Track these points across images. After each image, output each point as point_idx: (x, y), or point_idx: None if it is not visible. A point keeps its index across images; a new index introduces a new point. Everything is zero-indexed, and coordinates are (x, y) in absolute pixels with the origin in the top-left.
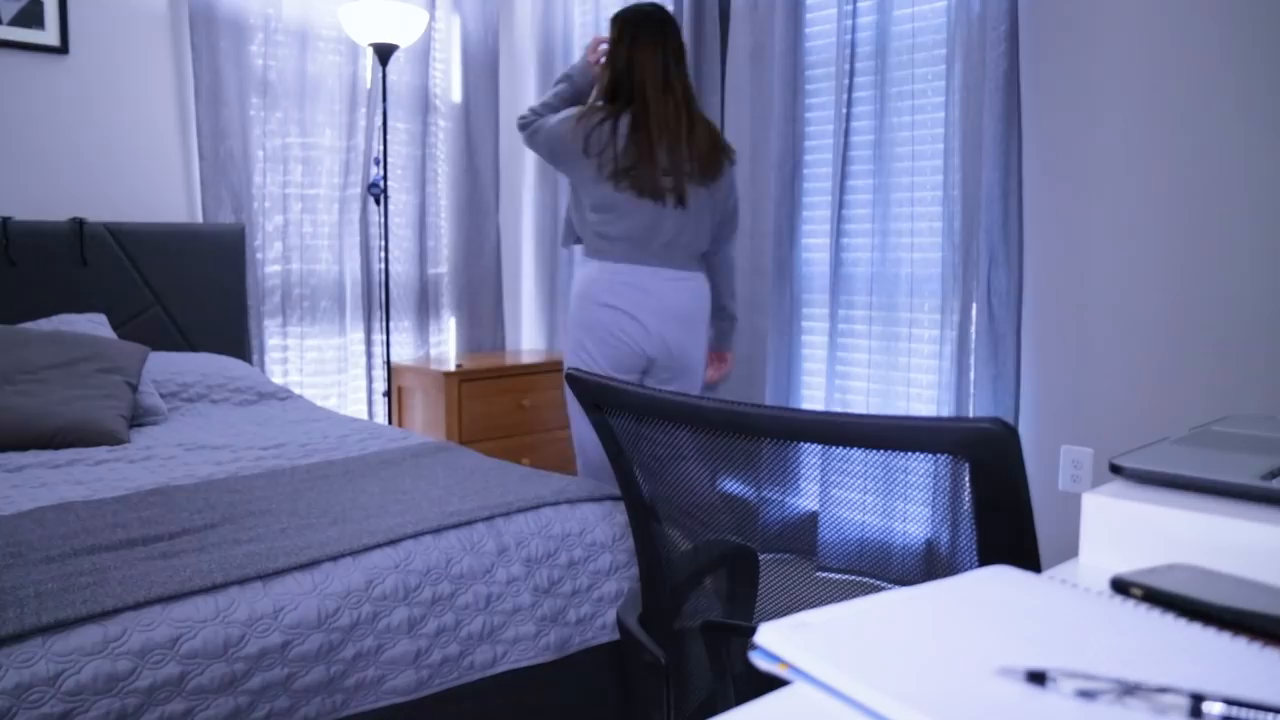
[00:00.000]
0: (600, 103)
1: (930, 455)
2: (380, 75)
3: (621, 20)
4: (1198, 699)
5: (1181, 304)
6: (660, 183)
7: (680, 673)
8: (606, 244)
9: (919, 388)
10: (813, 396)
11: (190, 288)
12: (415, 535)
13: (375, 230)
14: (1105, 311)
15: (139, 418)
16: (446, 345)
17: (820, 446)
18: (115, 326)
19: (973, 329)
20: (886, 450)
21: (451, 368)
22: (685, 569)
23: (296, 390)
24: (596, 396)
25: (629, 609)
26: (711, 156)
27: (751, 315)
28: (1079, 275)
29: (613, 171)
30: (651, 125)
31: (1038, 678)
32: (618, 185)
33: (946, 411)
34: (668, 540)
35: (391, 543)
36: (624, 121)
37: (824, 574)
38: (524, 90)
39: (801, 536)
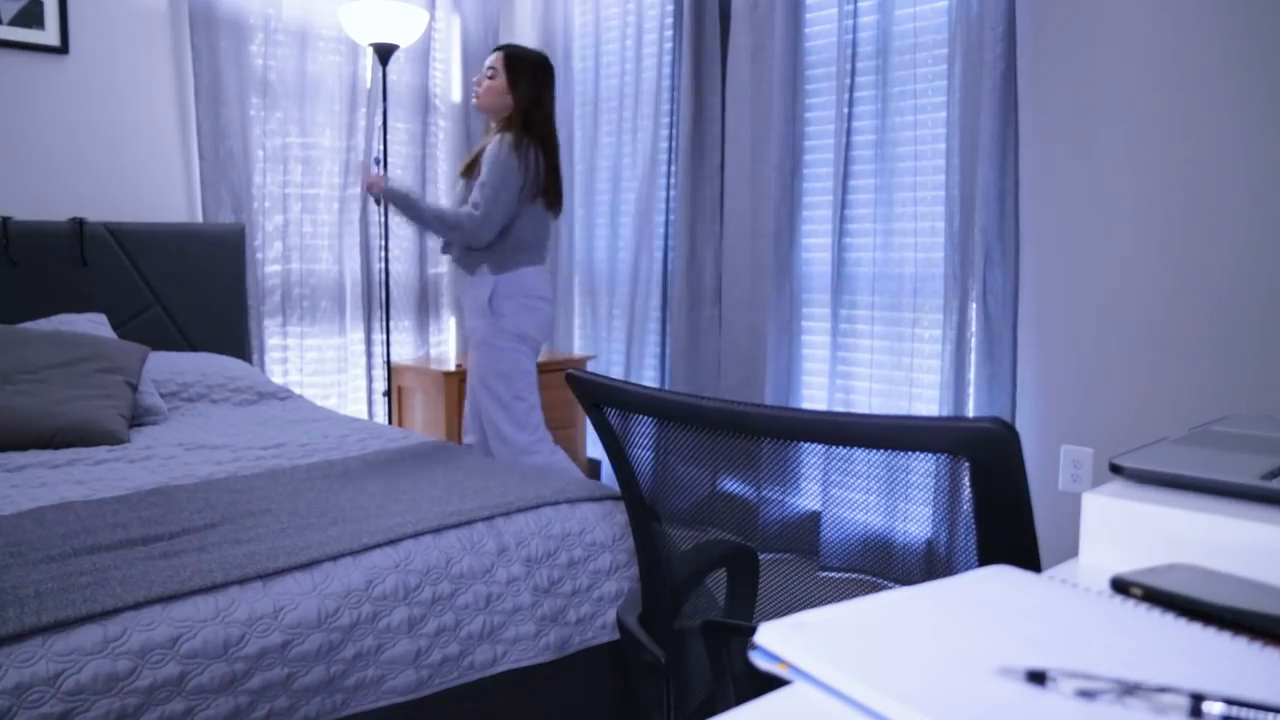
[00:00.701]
0: (509, 133)
1: (931, 455)
2: (380, 75)
3: (532, 63)
4: (1198, 699)
5: (1181, 303)
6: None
7: (680, 673)
8: (533, 252)
9: (921, 388)
10: (814, 396)
11: (190, 288)
12: (415, 535)
13: (375, 230)
14: (1105, 311)
15: (139, 417)
16: (446, 345)
17: (821, 446)
18: (115, 326)
19: (972, 328)
20: (887, 450)
21: (451, 367)
22: (685, 569)
23: (296, 390)
24: (596, 395)
25: (629, 609)
26: None
27: (751, 314)
28: (1080, 274)
29: (536, 191)
30: (555, 154)
31: (1038, 678)
32: (537, 201)
33: (949, 411)
34: (668, 540)
35: (391, 542)
36: (539, 150)
37: (825, 573)
38: None
39: (802, 536)
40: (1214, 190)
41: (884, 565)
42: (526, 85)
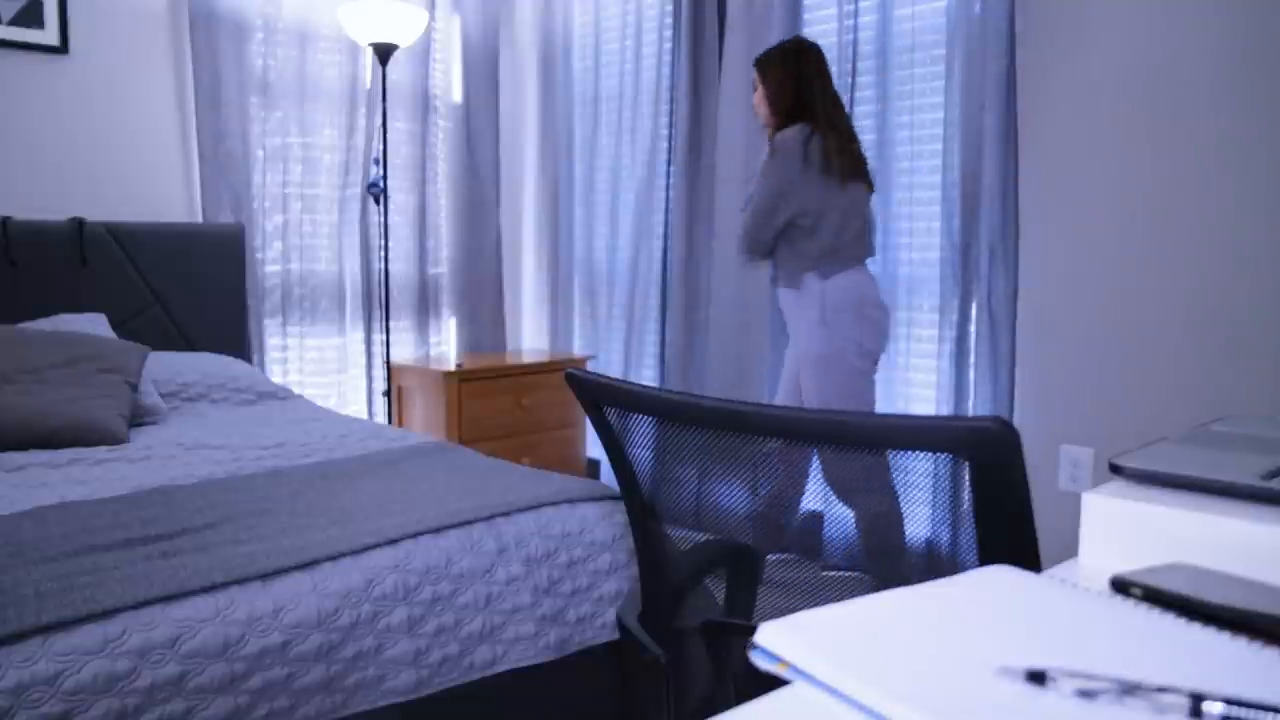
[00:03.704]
0: (770, 140)
1: (931, 454)
2: (380, 75)
3: (776, 54)
4: (1197, 699)
5: (1181, 303)
6: None
7: (680, 672)
8: (854, 250)
9: (917, 387)
10: None
11: (190, 287)
12: (415, 535)
13: (375, 230)
14: (1105, 311)
15: (139, 417)
16: (446, 345)
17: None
18: (115, 326)
19: (971, 328)
20: (887, 449)
21: (451, 368)
22: (685, 569)
23: (296, 390)
24: (597, 395)
25: (629, 609)
26: None
27: (749, 314)
28: (1079, 274)
29: (823, 171)
30: (835, 128)
31: (1038, 678)
32: (830, 184)
33: (946, 411)
34: (667, 540)
35: (391, 542)
36: (812, 131)
37: (826, 573)
38: (524, 90)
39: (803, 536)
40: (1216, 190)
41: (884, 564)
42: (773, 80)
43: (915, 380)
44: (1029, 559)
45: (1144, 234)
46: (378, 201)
